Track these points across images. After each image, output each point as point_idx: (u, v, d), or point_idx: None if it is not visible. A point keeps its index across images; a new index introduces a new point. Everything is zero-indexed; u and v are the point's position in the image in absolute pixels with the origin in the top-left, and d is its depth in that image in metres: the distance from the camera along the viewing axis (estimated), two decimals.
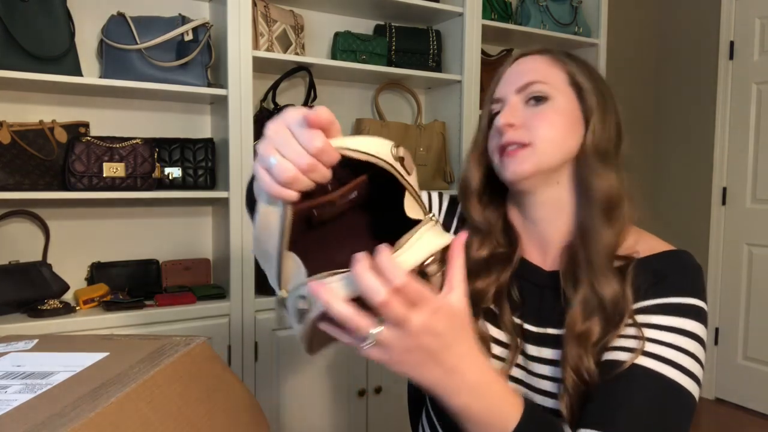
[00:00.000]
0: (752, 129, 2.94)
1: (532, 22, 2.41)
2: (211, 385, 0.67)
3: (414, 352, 0.52)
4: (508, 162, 0.80)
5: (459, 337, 0.54)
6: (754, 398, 2.95)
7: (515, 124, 0.80)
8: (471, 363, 0.55)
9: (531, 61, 0.84)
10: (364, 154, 0.52)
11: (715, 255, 3.09)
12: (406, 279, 0.49)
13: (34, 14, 1.56)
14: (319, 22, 2.15)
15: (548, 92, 0.80)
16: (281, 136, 0.51)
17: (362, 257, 0.49)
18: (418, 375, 0.55)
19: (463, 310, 0.54)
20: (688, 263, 0.77)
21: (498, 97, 0.85)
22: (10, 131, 1.60)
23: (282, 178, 0.50)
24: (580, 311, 0.75)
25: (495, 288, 0.82)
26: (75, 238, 1.80)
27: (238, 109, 1.76)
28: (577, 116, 0.81)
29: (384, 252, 0.49)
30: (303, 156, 0.49)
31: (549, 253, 0.84)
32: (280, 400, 1.85)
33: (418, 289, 0.50)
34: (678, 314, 0.72)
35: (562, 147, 0.80)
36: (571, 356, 0.74)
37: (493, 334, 0.83)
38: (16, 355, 0.66)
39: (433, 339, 0.52)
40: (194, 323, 1.70)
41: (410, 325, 0.50)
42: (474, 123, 2.22)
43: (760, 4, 2.89)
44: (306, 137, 0.49)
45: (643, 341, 0.70)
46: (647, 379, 0.68)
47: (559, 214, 0.83)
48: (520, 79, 0.82)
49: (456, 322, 0.53)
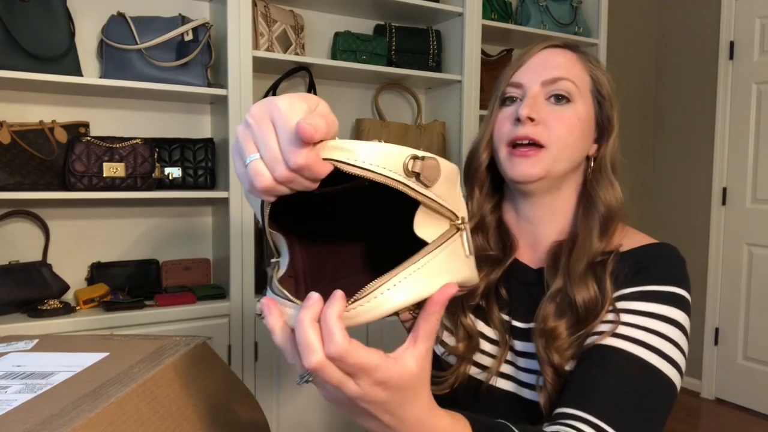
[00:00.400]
0: (752, 129, 2.95)
1: (532, 22, 2.41)
2: (211, 385, 0.67)
3: (347, 406, 0.48)
4: (518, 161, 0.79)
5: (404, 403, 0.48)
6: (754, 398, 2.95)
7: (536, 119, 0.78)
8: (411, 426, 0.49)
9: (561, 55, 0.82)
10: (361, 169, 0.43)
11: (715, 255, 3.09)
12: (344, 348, 0.42)
13: (34, 14, 1.56)
14: (319, 22, 2.15)
15: (573, 94, 0.79)
16: (263, 130, 0.43)
17: (314, 302, 0.43)
18: (354, 418, 0.50)
19: (416, 374, 0.47)
20: (670, 254, 0.78)
21: (519, 82, 0.82)
22: (10, 131, 1.60)
23: (255, 184, 0.43)
24: (553, 310, 0.75)
25: (484, 285, 0.83)
26: (75, 238, 1.80)
27: (238, 109, 1.76)
28: (591, 124, 0.81)
29: (333, 305, 0.43)
30: (281, 165, 0.42)
31: (538, 252, 0.85)
32: (280, 400, 1.85)
33: (357, 362, 0.43)
34: (659, 301, 0.72)
35: (573, 154, 0.80)
36: (539, 352, 0.75)
37: (483, 331, 0.84)
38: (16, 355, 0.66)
39: (370, 406, 0.47)
40: (194, 323, 1.70)
41: (344, 392, 0.45)
42: (474, 123, 2.23)
43: (760, 4, 2.90)
44: (288, 149, 0.41)
45: (617, 324, 0.71)
46: (625, 361, 0.69)
47: (555, 216, 0.84)
48: (549, 72, 0.80)
49: (401, 391, 0.47)
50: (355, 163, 0.43)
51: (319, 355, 0.43)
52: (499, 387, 0.82)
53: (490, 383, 0.82)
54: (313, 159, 0.42)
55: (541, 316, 0.76)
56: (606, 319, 0.72)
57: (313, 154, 0.41)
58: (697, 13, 3.17)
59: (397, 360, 0.46)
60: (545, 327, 0.75)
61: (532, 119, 0.78)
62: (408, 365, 0.46)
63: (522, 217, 0.86)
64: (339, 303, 0.43)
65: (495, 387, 0.82)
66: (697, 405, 3.05)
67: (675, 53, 3.30)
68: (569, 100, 0.79)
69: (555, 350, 0.74)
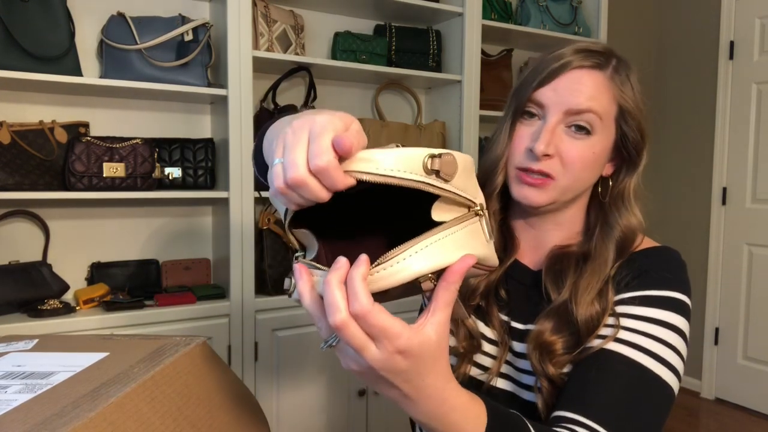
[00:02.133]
0: (752, 129, 2.95)
1: (532, 22, 2.41)
2: (211, 385, 0.67)
3: (368, 374, 0.49)
4: (525, 188, 0.78)
5: (423, 373, 0.49)
6: (754, 398, 2.95)
7: (551, 154, 0.75)
8: (430, 396, 0.51)
9: (591, 78, 0.76)
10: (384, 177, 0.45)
11: (715, 255, 3.09)
12: (367, 308, 0.44)
13: (34, 14, 1.56)
14: (319, 22, 2.15)
15: (595, 126, 0.76)
16: (296, 139, 0.46)
17: (342, 264, 0.46)
18: (373, 386, 0.52)
19: (435, 343, 0.48)
20: (671, 258, 0.78)
21: (542, 102, 0.77)
22: (10, 131, 1.60)
23: (272, 185, 0.47)
24: (551, 326, 0.75)
25: (484, 285, 0.83)
26: (75, 238, 1.80)
27: (238, 109, 1.76)
28: (608, 152, 0.79)
29: (359, 267, 0.45)
30: (294, 169, 0.45)
31: (539, 254, 0.85)
32: (280, 400, 1.85)
33: (379, 323, 0.45)
34: (659, 306, 0.72)
35: (584, 184, 0.79)
36: (533, 363, 0.75)
37: (483, 332, 0.84)
38: (16, 355, 0.66)
39: (390, 374, 0.48)
40: (194, 323, 1.70)
41: (365, 357, 0.47)
42: (474, 123, 2.23)
43: (760, 4, 2.89)
44: (313, 151, 0.44)
45: (617, 328, 0.71)
46: (622, 365, 0.69)
47: (560, 226, 0.84)
48: (575, 100, 0.75)
49: (421, 360, 0.48)
50: (377, 172, 0.45)
51: (344, 313, 0.44)
52: (499, 387, 0.82)
53: (490, 384, 0.82)
54: (334, 166, 0.44)
55: (537, 330, 0.76)
56: (606, 323, 0.72)
57: (334, 162, 0.44)
58: (697, 13, 3.17)
59: (418, 329, 0.48)
60: (541, 341, 0.75)
61: (548, 155, 0.75)
62: (428, 334, 0.48)
63: (528, 224, 0.86)
64: (363, 266, 0.45)
65: (495, 387, 0.82)
66: (697, 405, 3.05)
67: (675, 53, 3.30)
68: (589, 132, 0.76)
69: (550, 363, 0.74)
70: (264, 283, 1.83)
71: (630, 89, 0.78)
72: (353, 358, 0.49)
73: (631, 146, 0.79)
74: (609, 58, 0.78)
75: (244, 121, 1.77)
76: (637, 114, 0.78)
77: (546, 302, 0.79)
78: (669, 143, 3.32)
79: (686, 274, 0.77)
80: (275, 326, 1.82)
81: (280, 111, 1.95)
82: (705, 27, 3.12)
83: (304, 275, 0.48)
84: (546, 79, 0.77)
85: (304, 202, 0.47)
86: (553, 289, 0.78)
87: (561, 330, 0.75)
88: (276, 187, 0.46)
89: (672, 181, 3.29)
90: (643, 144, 0.80)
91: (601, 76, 0.77)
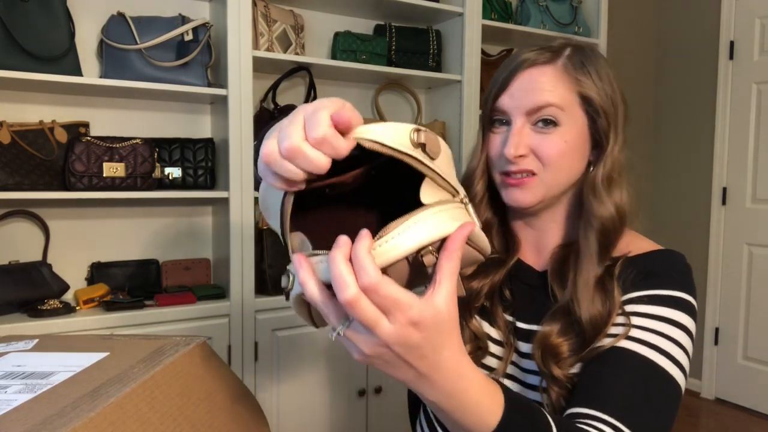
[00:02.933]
0: (752, 129, 2.95)
1: (532, 22, 2.41)
2: (211, 384, 0.67)
3: (382, 355, 0.48)
4: (512, 190, 0.79)
5: (437, 346, 0.48)
6: (754, 398, 2.95)
7: (524, 154, 0.76)
8: (446, 371, 0.50)
9: (543, 74, 0.77)
10: (374, 143, 0.46)
11: (715, 255, 3.09)
12: (377, 279, 0.43)
13: (34, 14, 1.56)
14: (319, 22, 2.15)
15: (559, 117, 0.76)
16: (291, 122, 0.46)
17: (345, 241, 0.44)
18: (388, 372, 0.50)
19: (447, 314, 0.47)
20: (678, 261, 0.78)
21: (503, 109, 0.79)
22: (10, 131, 1.60)
23: (262, 152, 0.45)
24: (557, 328, 0.75)
25: (489, 286, 0.83)
26: (75, 238, 1.80)
27: (238, 109, 1.76)
28: (584, 139, 0.79)
29: (362, 240, 0.44)
30: (288, 138, 0.44)
31: (543, 254, 0.85)
32: (280, 400, 1.85)
33: (391, 294, 0.44)
34: (667, 305, 0.73)
35: (568, 174, 0.79)
36: (539, 364, 0.75)
37: (489, 332, 0.83)
38: (16, 355, 0.66)
39: (405, 349, 0.47)
40: (194, 323, 1.70)
41: (379, 332, 0.45)
42: (474, 123, 2.23)
43: (760, 4, 2.89)
44: (310, 124, 0.44)
45: (629, 327, 0.71)
46: (635, 362, 0.69)
47: (556, 223, 0.84)
48: (531, 99, 0.76)
49: (436, 332, 0.47)
50: (371, 138, 0.46)
51: (353, 288, 0.43)
52: None
53: None
54: (333, 133, 0.44)
55: (544, 331, 0.76)
56: (616, 322, 0.72)
57: (333, 130, 0.44)
58: (697, 13, 3.17)
59: (428, 301, 0.46)
60: (547, 343, 0.75)
61: (521, 156, 0.76)
62: (438, 305, 0.47)
63: (527, 225, 0.86)
64: (366, 239, 0.44)
65: None
66: (697, 405, 3.05)
67: (675, 53, 3.30)
68: (557, 124, 0.76)
69: (555, 365, 0.74)
70: (264, 283, 1.83)
71: (587, 75, 0.78)
72: (365, 340, 0.47)
73: (601, 132, 0.79)
74: (560, 50, 0.79)
75: (244, 121, 1.77)
76: (600, 100, 0.78)
77: (552, 303, 0.79)
78: (669, 143, 3.32)
79: (692, 277, 0.78)
80: (275, 326, 1.82)
81: (280, 111, 1.95)
82: (705, 27, 3.12)
83: (304, 263, 0.46)
84: (501, 87, 0.79)
85: (297, 173, 0.45)
86: (560, 290, 0.79)
87: (567, 332, 0.75)
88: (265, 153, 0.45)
89: (672, 181, 3.29)
90: (609, 127, 0.78)
91: (551, 69, 0.77)
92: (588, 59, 0.79)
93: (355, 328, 0.47)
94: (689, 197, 3.21)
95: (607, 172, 0.78)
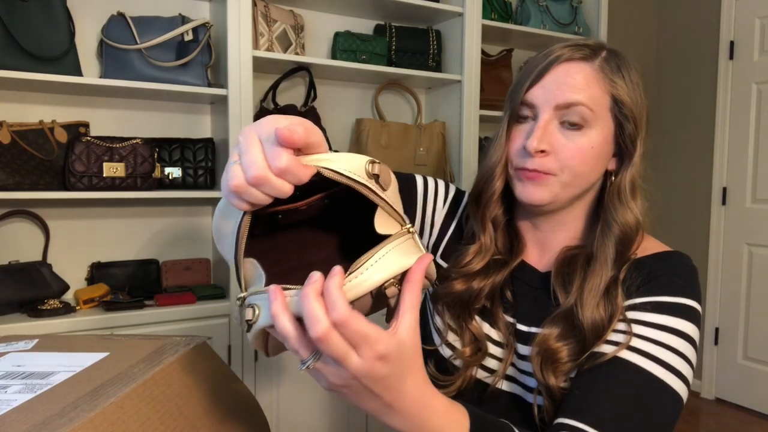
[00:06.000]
0: (752, 129, 2.94)
1: (532, 22, 2.41)
2: (211, 385, 0.67)
3: (350, 386, 0.50)
4: (526, 184, 0.77)
5: (402, 377, 0.50)
6: (754, 398, 2.95)
7: (547, 150, 0.75)
8: (411, 399, 0.52)
9: (578, 71, 0.75)
10: (333, 172, 0.49)
11: (715, 255, 3.09)
12: (346, 315, 0.45)
13: (34, 14, 1.56)
14: (319, 22, 2.15)
15: (588, 119, 0.74)
16: (249, 142, 0.48)
17: (317, 278, 0.46)
18: (354, 401, 0.52)
19: (410, 344, 0.49)
20: (683, 263, 0.77)
21: (532, 103, 0.77)
22: (10, 131, 1.60)
23: (228, 183, 0.48)
24: (557, 332, 0.74)
25: (490, 287, 0.82)
26: (75, 238, 1.80)
27: (238, 109, 1.76)
28: (609, 145, 0.78)
29: (334, 278, 0.46)
30: (254, 167, 0.46)
31: (547, 255, 0.84)
32: (280, 400, 1.85)
33: (360, 329, 0.46)
34: (669, 313, 0.71)
35: (586, 180, 0.78)
36: (535, 371, 0.74)
37: (489, 334, 0.83)
38: (16, 355, 0.66)
39: (372, 381, 0.49)
40: (194, 323, 1.70)
41: (348, 366, 0.47)
42: (474, 123, 2.23)
43: (760, 4, 2.89)
44: (271, 154, 0.46)
45: (630, 336, 0.70)
46: (630, 373, 0.68)
47: (565, 226, 0.83)
48: (563, 94, 0.74)
49: (399, 363, 0.49)
50: (332, 168, 0.49)
51: (324, 323, 0.45)
52: (503, 389, 0.81)
53: (495, 386, 0.81)
54: (294, 163, 0.46)
55: (543, 334, 0.75)
56: (617, 329, 0.71)
57: (294, 159, 0.47)
58: (697, 13, 3.17)
59: (393, 333, 0.49)
60: (546, 347, 0.74)
61: (543, 152, 0.74)
62: (402, 336, 0.49)
63: (534, 226, 0.85)
64: (338, 276, 0.46)
65: (499, 389, 0.81)
66: (697, 405, 3.05)
67: (675, 53, 3.30)
68: (584, 127, 0.74)
69: (552, 372, 0.73)
70: None
71: (622, 80, 0.77)
72: (335, 372, 0.49)
73: (628, 138, 0.77)
74: (598, 50, 0.78)
75: (244, 121, 1.77)
76: (632, 105, 0.77)
77: (554, 305, 0.78)
78: (669, 143, 3.32)
79: (697, 279, 0.76)
80: None
81: (280, 111, 1.95)
82: (705, 27, 3.12)
83: (279, 296, 0.47)
84: (535, 78, 0.77)
85: (263, 199, 0.48)
86: (562, 293, 0.77)
87: (567, 336, 0.73)
88: (233, 185, 0.47)
89: (672, 181, 3.29)
90: (637, 134, 0.77)
91: (589, 67, 0.76)
92: (624, 64, 0.78)
93: (325, 361, 0.49)
94: (689, 197, 3.21)
95: (632, 178, 0.78)
